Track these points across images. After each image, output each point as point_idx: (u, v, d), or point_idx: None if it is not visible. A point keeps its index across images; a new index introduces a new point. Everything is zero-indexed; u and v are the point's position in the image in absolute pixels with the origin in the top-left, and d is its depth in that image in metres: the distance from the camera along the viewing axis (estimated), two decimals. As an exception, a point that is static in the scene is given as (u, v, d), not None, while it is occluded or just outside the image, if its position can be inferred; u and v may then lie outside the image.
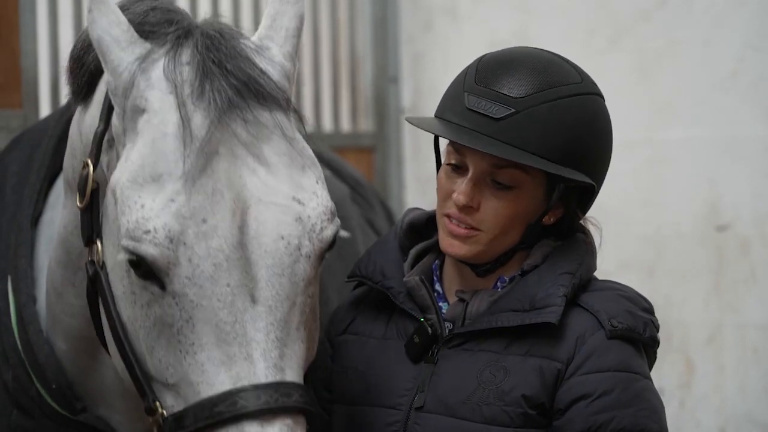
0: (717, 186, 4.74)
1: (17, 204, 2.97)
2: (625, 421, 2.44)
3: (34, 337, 2.87)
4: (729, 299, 4.76)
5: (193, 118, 2.28)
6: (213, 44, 2.35)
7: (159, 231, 2.22)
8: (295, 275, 2.29)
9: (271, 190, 2.30)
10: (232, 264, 2.24)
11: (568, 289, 2.52)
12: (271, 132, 2.33)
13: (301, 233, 2.30)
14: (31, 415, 2.91)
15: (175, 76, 2.33)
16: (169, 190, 2.25)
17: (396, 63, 5.80)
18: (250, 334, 2.23)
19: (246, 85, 2.33)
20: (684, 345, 4.86)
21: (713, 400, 4.79)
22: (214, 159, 2.27)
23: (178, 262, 2.23)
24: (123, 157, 2.34)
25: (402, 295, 2.64)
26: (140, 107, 2.34)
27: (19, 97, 4.14)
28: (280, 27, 2.49)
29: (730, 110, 4.70)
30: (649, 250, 4.91)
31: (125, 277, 2.32)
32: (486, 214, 2.52)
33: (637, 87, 4.93)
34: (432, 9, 5.67)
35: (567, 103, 2.51)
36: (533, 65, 2.53)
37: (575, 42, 5.04)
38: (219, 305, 2.23)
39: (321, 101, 5.63)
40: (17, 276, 2.90)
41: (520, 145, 2.47)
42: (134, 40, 2.37)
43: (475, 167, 2.52)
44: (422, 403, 2.54)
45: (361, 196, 4.33)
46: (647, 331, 2.54)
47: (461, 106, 2.52)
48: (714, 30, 4.74)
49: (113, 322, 2.36)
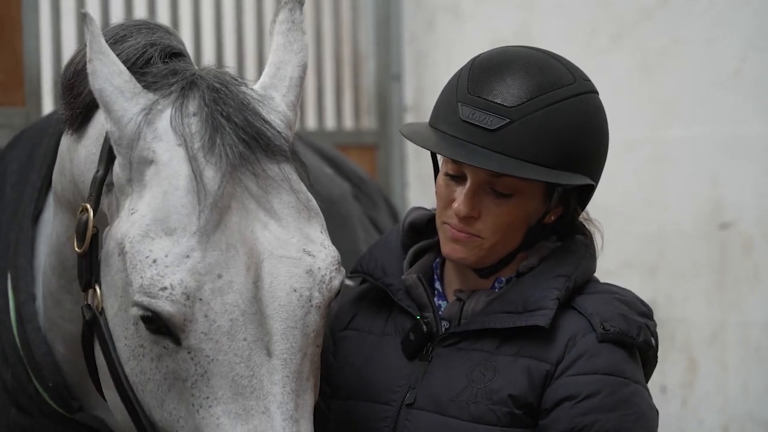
0: (719, 185, 4.74)
1: (17, 202, 2.97)
2: (609, 425, 2.44)
3: (32, 335, 2.87)
4: (732, 298, 4.76)
5: (204, 171, 2.28)
6: (220, 96, 2.35)
7: (176, 288, 2.22)
8: (307, 327, 2.31)
9: (282, 243, 2.31)
10: (248, 318, 2.25)
11: (561, 292, 2.52)
12: (279, 185, 2.35)
13: (312, 285, 2.32)
14: (29, 414, 2.92)
15: (182, 128, 2.32)
16: (183, 245, 2.24)
17: (399, 61, 5.80)
18: (266, 388, 2.24)
19: (255, 139, 2.33)
20: (687, 344, 4.86)
21: (716, 399, 4.79)
22: (227, 214, 2.28)
23: (194, 318, 2.23)
24: (128, 207, 2.33)
25: (401, 292, 2.65)
26: (147, 158, 2.32)
27: (21, 95, 4.15)
28: (284, 76, 2.51)
29: (732, 109, 4.70)
30: (651, 249, 4.91)
31: (131, 330, 2.31)
32: (487, 223, 2.52)
33: (639, 86, 4.93)
34: (435, 8, 5.67)
35: (561, 107, 2.50)
36: (525, 69, 2.51)
37: (577, 41, 5.04)
38: (236, 360, 2.24)
39: (324, 99, 5.63)
40: (17, 274, 2.90)
41: (516, 154, 2.47)
42: (138, 91, 2.36)
43: (474, 178, 2.51)
44: (413, 400, 2.55)
45: (364, 194, 4.33)
46: (641, 335, 2.52)
47: (455, 116, 2.51)
48: (716, 29, 4.74)
49: (114, 368, 2.34)
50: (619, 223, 4.96)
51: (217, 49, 5.13)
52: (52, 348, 2.88)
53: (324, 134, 5.45)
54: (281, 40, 2.53)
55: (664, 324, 4.88)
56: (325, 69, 5.65)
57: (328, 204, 3.70)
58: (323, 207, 2.48)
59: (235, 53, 5.19)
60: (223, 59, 5.14)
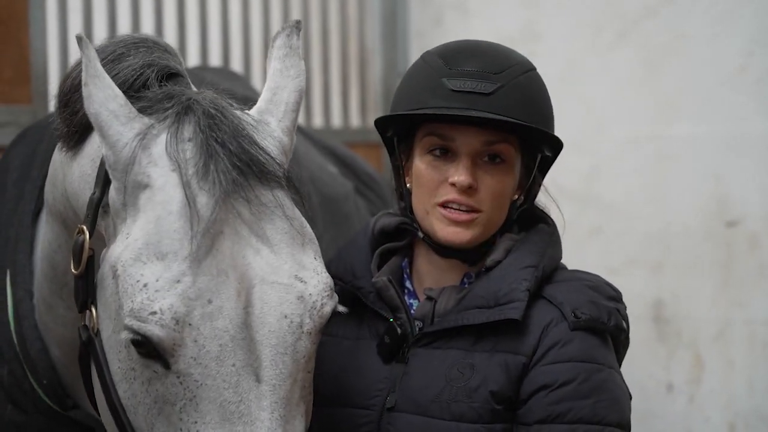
0: (723, 182, 4.74)
1: (18, 198, 2.99)
2: (583, 412, 2.48)
3: (27, 331, 2.89)
4: (737, 295, 4.75)
5: (198, 197, 2.29)
6: (215, 123, 2.36)
7: (165, 312, 2.22)
8: (297, 353, 2.31)
9: (274, 269, 2.31)
10: (237, 344, 2.26)
11: (530, 283, 2.56)
12: (272, 212, 2.35)
13: (303, 311, 2.32)
14: (24, 410, 2.94)
15: (177, 154, 2.33)
16: (174, 270, 2.25)
17: (405, 58, 5.80)
18: (254, 414, 2.24)
19: (249, 166, 2.34)
20: (693, 341, 4.85)
21: (722, 395, 4.78)
22: (219, 239, 2.28)
23: (183, 343, 2.23)
24: (123, 232, 2.34)
25: (372, 295, 2.68)
26: (142, 183, 2.33)
27: (28, 93, 4.17)
28: (280, 101, 2.52)
29: (736, 106, 4.69)
30: (656, 247, 4.91)
31: (123, 353, 2.32)
32: (485, 193, 2.57)
33: (644, 83, 4.93)
34: (441, 4, 5.67)
35: (533, 75, 2.65)
36: (490, 48, 2.65)
37: (582, 38, 5.04)
38: (224, 385, 2.24)
39: (330, 97, 5.64)
40: (15, 270, 2.92)
41: (512, 114, 2.55)
42: (133, 116, 2.37)
43: (469, 147, 2.56)
44: (393, 404, 2.57)
45: (375, 193, 4.34)
46: (612, 320, 2.57)
47: (444, 90, 2.56)
48: (720, 26, 4.73)
49: (108, 394, 2.35)
50: (623, 221, 4.96)
51: (224, 49, 5.13)
52: (47, 346, 2.90)
53: (331, 132, 5.45)
54: (278, 66, 2.54)
55: (670, 321, 4.88)
56: (332, 66, 5.66)
57: (329, 203, 3.72)
58: (325, 206, 2.48)
59: (241, 56, 5.19)
60: (230, 61, 5.14)
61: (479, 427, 2.50)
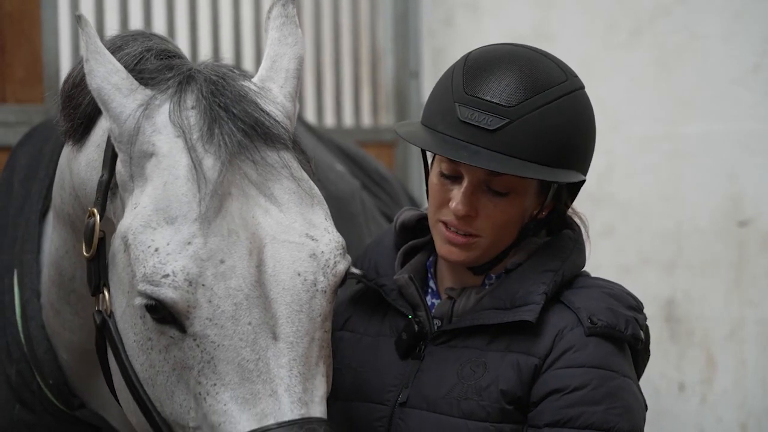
0: (737, 181, 4.73)
1: (25, 197, 3.00)
2: (594, 418, 2.46)
3: (34, 332, 2.90)
4: (750, 294, 4.75)
5: (204, 161, 2.30)
6: (217, 89, 2.38)
7: (178, 274, 2.23)
8: (313, 311, 2.32)
9: (284, 228, 2.32)
10: (252, 303, 2.26)
11: (548, 287, 2.55)
12: (279, 172, 2.36)
13: (316, 269, 2.33)
14: (32, 410, 2.95)
15: (181, 120, 2.35)
16: (185, 232, 2.26)
17: (417, 58, 5.80)
18: (273, 371, 2.25)
19: (253, 128, 2.35)
20: (705, 340, 4.85)
21: (734, 395, 4.78)
22: (227, 200, 2.29)
23: (198, 304, 2.24)
24: (131, 203, 2.35)
25: (394, 292, 2.68)
26: (148, 152, 2.35)
27: (40, 92, 4.16)
28: (280, 68, 2.53)
29: (750, 105, 4.69)
30: (669, 245, 4.90)
31: (139, 324, 2.32)
32: (484, 221, 2.55)
33: (657, 81, 4.92)
34: (453, 4, 5.66)
35: (556, 107, 2.53)
36: (519, 68, 2.54)
37: (595, 36, 5.04)
38: (241, 344, 2.24)
39: (342, 96, 5.64)
40: (23, 270, 2.93)
41: (516, 153, 2.49)
42: (135, 87, 2.39)
43: (471, 177, 2.54)
44: (406, 399, 2.58)
45: (384, 191, 4.35)
46: (629, 329, 2.54)
47: (453, 117, 2.52)
48: (734, 25, 4.73)
49: (125, 369, 2.35)
50: (636, 220, 4.96)
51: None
52: (54, 347, 2.91)
53: (342, 131, 5.45)
54: (276, 35, 2.55)
55: (682, 321, 4.88)
56: (344, 66, 5.66)
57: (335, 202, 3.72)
58: (331, 205, 2.49)
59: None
60: (241, 61, 5.15)
61: (488, 426, 2.50)
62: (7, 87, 4.11)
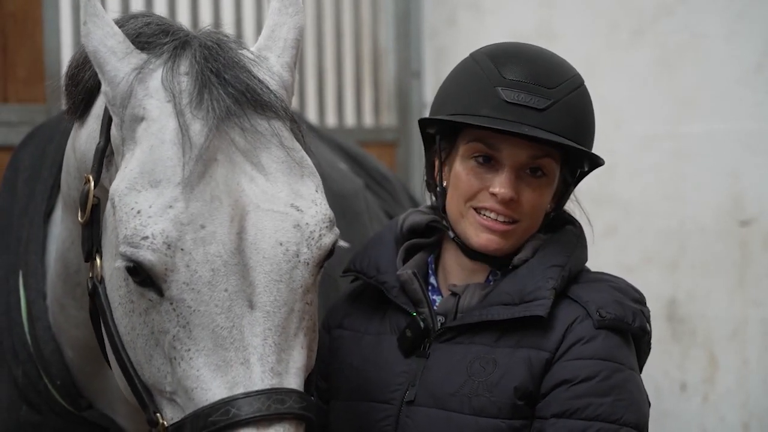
0: (739, 180, 4.73)
1: (28, 198, 3.00)
2: (601, 410, 2.48)
3: (41, 332, 2.90)
4: (753, 294, 4.74)
5: (191, 125, 2.29)
6: (211, 54, 2.37)
7: (157, 237, 2.22)
8: (293, 281, 2.29)
9: (269, 197, 2.30)
10: (230, 269, 2.24)
11: (557, 282, 2.57)
12: (268, 140, 2.34)
13: (299, 240, 2.30)
14: (39, 411, 2.94)
15: (173, 85, 2.34)
16: (167, 196, 2.25)
17: (419, 57, 5.80)
18: (247, 339, 2.23)
19: (244, 95, 2.34)
20: (707, 340, 4.85)
21: (737, 395, 4.78)
22: (213, 166, 2.28)
23: (175, 267, 2.23)
24: (122, 167, 2.34)
25: (395, 289, 2.69)
26: (138, 116, 2.34)
27: (42, 92, 4.16)
28: (279, 38, 2.51)
29: (752, 104, 4.69)
30: (672, 245, 4.90)
31: (123, 286, 2.32)
32: (526, 206, 2.58)
33: (660, 81, 4.93)
34: (455, 3, 5.67)
35: (584, 90, 2.63)
36: (548, 57, 2.64)
37: (598, 36, 5.04)
38: (216, 310, 2.23)
39: (344, 96, 5.64)
40: (28, 271, 2.93)
41: (560, 131, 2.55)
42: (130, 51, 2.38)
43: (514, 159, 2.57)
44: (413, 397, 2.58)
45: (385, 190, 4.35)
46: (636, 320, 2.58)
47: (497, 99, 2.56)
48: (736, 24, 4.73)
49: (111, 334, 2.35)
50: (639, 219, 4.96)
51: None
52: (60, 347, 2.91)
53: (344, 131, 5.45)
54: (277, 5, 2.55)
55: (685, 320, 4.87)
56: (345, 66, 5.66)
57: (339, 200, 3.72)
58: (335, 203, 2.47)
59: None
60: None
61: (498, 422, 2.51)
62: (9, 87, 4.11)
